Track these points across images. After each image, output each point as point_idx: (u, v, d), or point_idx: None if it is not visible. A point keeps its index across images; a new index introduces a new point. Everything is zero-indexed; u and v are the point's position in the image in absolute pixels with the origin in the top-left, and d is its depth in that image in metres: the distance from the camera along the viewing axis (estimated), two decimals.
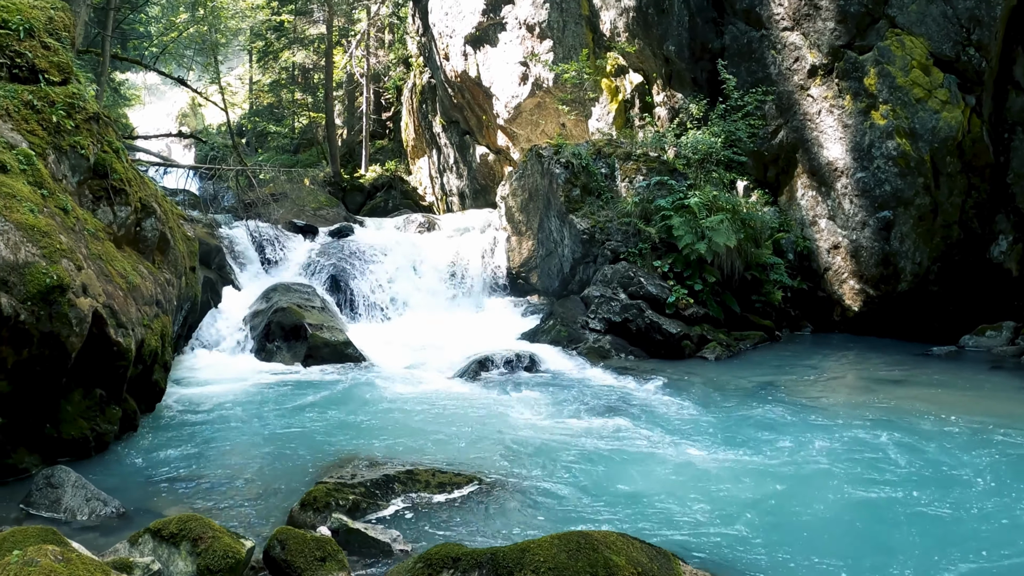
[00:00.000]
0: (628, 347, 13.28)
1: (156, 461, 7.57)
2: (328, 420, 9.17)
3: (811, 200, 15.23)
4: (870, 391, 10.77)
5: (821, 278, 15.20)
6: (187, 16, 38.71)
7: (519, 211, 17.46)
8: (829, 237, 14.96)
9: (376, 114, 37.54)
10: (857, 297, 14.69)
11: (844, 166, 14.55)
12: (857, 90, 14.39)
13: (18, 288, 6.50)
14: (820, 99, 14.92)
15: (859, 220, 14.41)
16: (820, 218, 15.11)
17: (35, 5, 9.28)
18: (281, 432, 8.65)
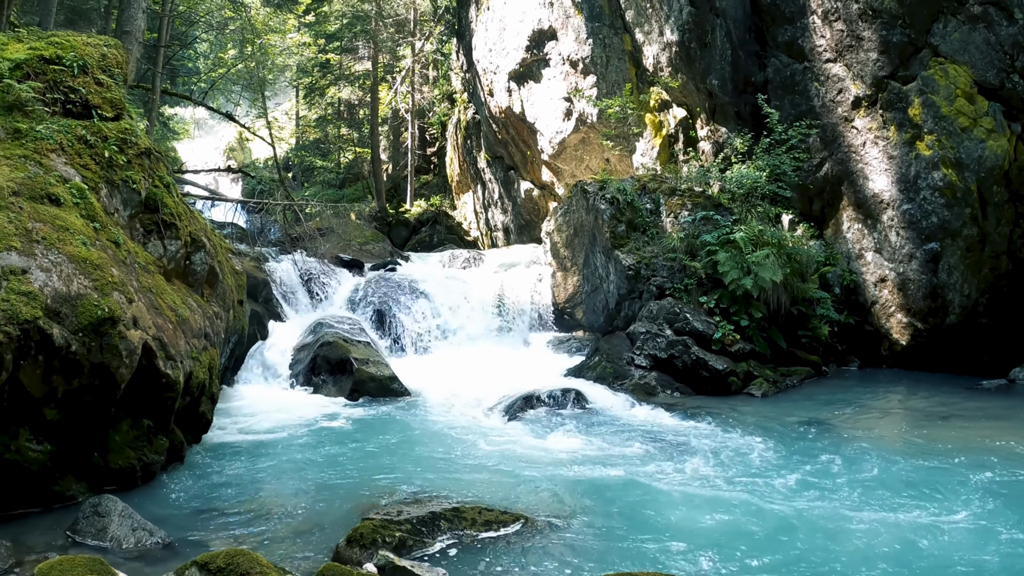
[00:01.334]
0: (674, 384, 13.16)
1: (202, 493, 7.61)
2: (373, 455, 9.17)
3: (857, 233, 15.07)
4: (920, 427, 10.57)
5: (868, 312, 14.98)
6: (235, 53, 39.38)
7: (564, 247, 17.46)
8: (876, 270, 14.77)
9: (421, 149, 37.84)
10: (905, 331, 14.46)
11: (890, 198, 14.39)
12: (902, 121, 14.25)
13: (70, 319, 6.61)
14: (864, 131, 14.80)
15: (906, 252, 14.22)
16: (866, 251, 14.93)
17: (89, 42, 9.50)
18: (326, 466, 8.66)
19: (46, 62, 8.84)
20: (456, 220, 32.13)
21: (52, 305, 6.52)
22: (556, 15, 22.11)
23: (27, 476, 6.59)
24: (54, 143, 8.02)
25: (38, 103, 8.35)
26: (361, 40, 36.55)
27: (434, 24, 35.28)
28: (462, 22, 29.92)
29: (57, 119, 8.39)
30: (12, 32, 10.76)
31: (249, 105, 42.52)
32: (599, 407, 11.99)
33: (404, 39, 37.11)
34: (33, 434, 6.59)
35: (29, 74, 8.59)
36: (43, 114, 8.31)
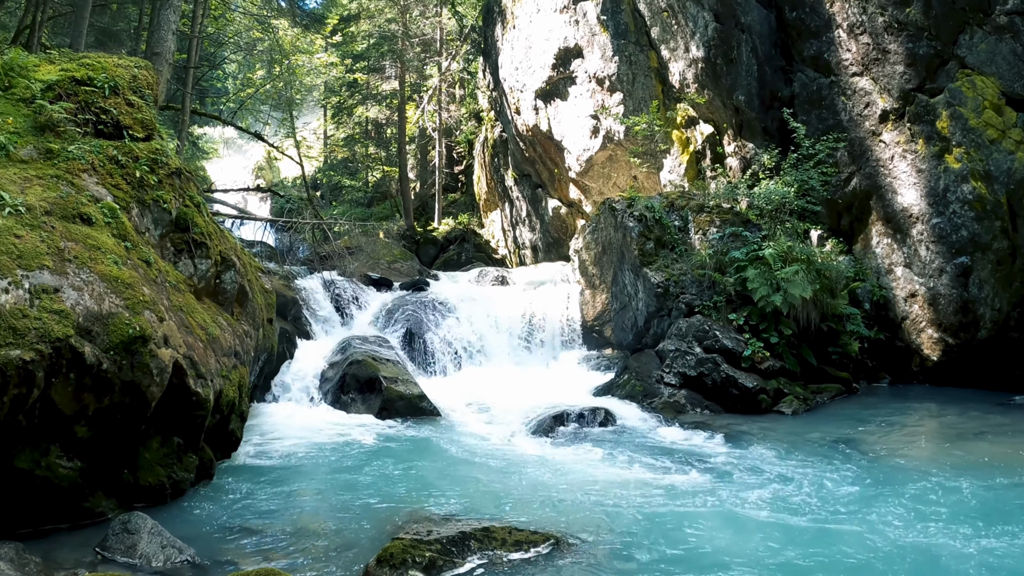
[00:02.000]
0: (703, 402, 13.07)
1: (231, 510, 7.61)
2: (402, 474, 9.15)
3: (886, 248, 14.95)
4: (954, 444, 10.43)
5: (898, 327, 14.83)
6: (263, 73, 39.76)
7: (593, 264, 17.43)
8: (906, 285, 14.64)
9: (448, 168, 38.00)
10: (936, 346, 14.30)
11: (919, 212, 14.27)
12: (930, 134, 14.15)
13: (101, 338, 6.66)
14: (892, 144, 14.70)
15: (936, 267, 14.08)
16: (896, 266, 14.80)
17: (120, 64, 9.61)
18: (355, 485, 8.64)
19: (78, 83, 8.95)
20: (484, 238, 32.19)
21: (84, 323, 6.57)
22: (581, 33, 22.15)
23: (57, 492, 6.63)
24: (86, 163, 8.10)
25: (70, 123, 8.44)
26: (388, 60, 36.84)
27: (460, 43, 35.49)
28: (488, 41, 30.05)
29: (89, 139, 8.48)
30: (44, 53, 10.91)
31: (278, 125, 42.92)
32: (629, 425, 11.93)
33: (431, 58, 37.36)
34: (64, 451, 6.63)
35: (61, 95, 8.70)
36: (75, 134, 8.40)
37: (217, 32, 34.67)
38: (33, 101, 8.48)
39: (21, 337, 6.04)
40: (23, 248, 6.53)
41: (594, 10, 21.55)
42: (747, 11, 16.91)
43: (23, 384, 6.02)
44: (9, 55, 9.04)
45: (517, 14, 26.40)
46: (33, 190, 7.32)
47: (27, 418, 6.21)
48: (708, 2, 17.71)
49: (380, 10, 35.78)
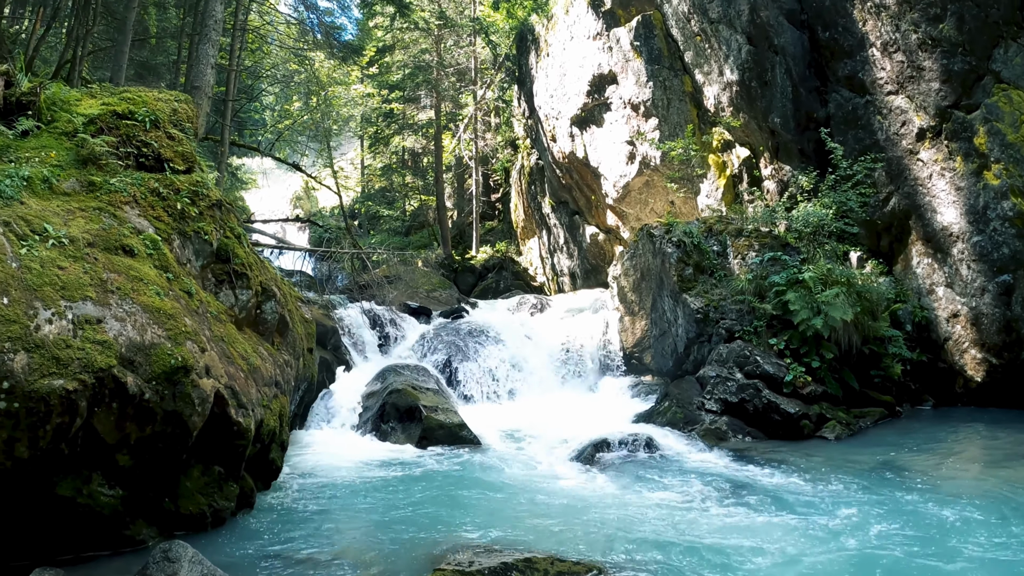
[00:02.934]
0: (745, 428, 12.92)
1: (272, 540, 7.61)
2: (443, 503, 9.11)
3: (927, 268, 14.76)
4: (1002, 469, 10.19)
5: (941, 349, 14.60)
6: (300, 104, 40.22)
7: (631, 291, 17.37)
8: (947, 305, 14.42)
9: (486, 196, 38.15)
10: (979, 367, 14.06)
11: (959, 230, 14.07)
12: (967, 151, 13.97)
13: (144, 368, 6.71)
14: (930, 162, 14.55)
15: (978, 286, 13.87)
16: (937, 286, 14.60)
17: (160, 97, 9.76)
18: (396, 514, 8.61)
19: (119, 117, 9.09)
20: (522, 266, 32.23)
21: (126, 354, 6.63)
22: (615, 59, 22.21)
23: (99, 520, 6.67)
24: (128, 195, 8.21)
25: (112, 156, 8.57)
26: (424, 89, 37.15)
27: (495, 72, 35.70)
28: (522, 69, 30.22)
29: (130, 172, 8.60)
30: (85, 88, 11.08)
31: (315, 155, 43.34)
32: (670, 453, 11.80)
33: (466, 87, 37.64)
34: (105, 479, 6.68)
35: (103, 128, 8.84)
36: (117, 167, 8.52)
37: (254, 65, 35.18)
38: (75, 135, 8.62)
39: (64, 367, 6.10)
40: (67, 279, 6.62)
41: (627, 36, 21.61)
42: (780, 33, 16.87)
43: (66, 413, 6.08)
44: (51, 90, 9.21)
45: (550, 42, 26.56)
46: (76, 222, 7.42)
47: (70, 447, 6.27)
48: (741, 25, 17.69)
49: (415, 41, 36.16)
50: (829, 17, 16.15)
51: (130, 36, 18.52)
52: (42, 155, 8.27)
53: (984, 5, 13.74)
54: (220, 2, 17.72)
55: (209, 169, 10.34)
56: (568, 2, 25.28)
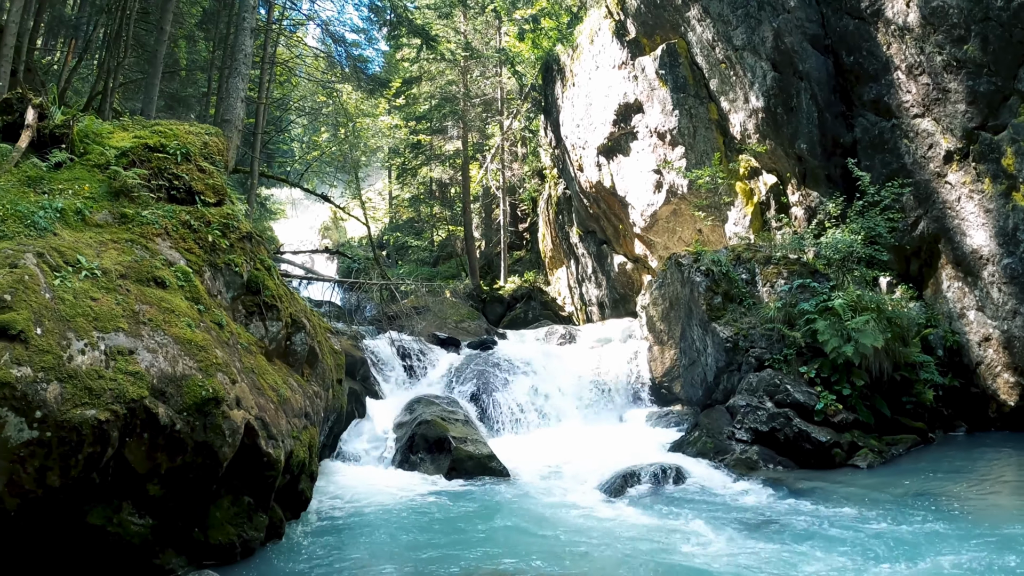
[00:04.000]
0: (776, 457, 12.79)
1: (300, 570, 7.61)
2: (472, 535, 9.06)
3: (957, 292, 14.60)
4: None
5: (973, 373, 14.40)
6: (328, 136, 40.60)
7: (660, 320, 17.32)
8: (979, 329, 14.25)
9: (513, 226, 38.23)
10: (1012, 391, 13.84)
11: (989, 253, 13.91)
12: (995, 172, 13.83)
13: (175, 399, 6.76)
14: (958, 185, 14.41)
15: (1009, 309, 13.68)
16: (968, 310, 14.43)
17: (191, 131, 9.89)
18: (425, 546, 8.58)
19: (150, 150, 9.23)
20: (550, 295, 32.22)
21: (158, 385, 6.68)
22: (641, 88, 22.27)
23: (128, 549, 6.69)
24: (159, 227, 8.31)
25: (143, 189, 8.69)
26: (451, 120, 37.42)
27: (521, 102, 35.91)
28: (548, 99, 30.36)
29: (162, 204, 8.71)
30: (117, 120, 11.25)
31: (344, 186, 43.67)
32: (701, 484, 11.69)
33: (492, 118, 37.88)
34: (135, 508, 6.71)
35: (135, 161, 8.97)
36: (148, 200, 8.63)
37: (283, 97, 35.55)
38: (108, 167, 8.76)
39: (97, 397, 6.16)
40: (99, 310, 6.69)
41: (652, 65, 21.68)
42: (804, 58, 16.87)
43: (97, 443, 6.13)
44: (84, 122, 9.35)
45: (576, 71, 26.68)
46: (109, 254, 7.51)
47: (101, 476, 6.31)
48: (765, 51, 17.70)
49: (441, 72, 36.47)
50: (853, 41, 16.12)
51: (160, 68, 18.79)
52: (75, 187, 8.39)
53: (1008, 25, 13.64)
54: (249, 36, 17.96)
55: (239, 201, 10.45)
56: (593, 32, 25.40)
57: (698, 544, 8.58)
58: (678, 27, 20.89)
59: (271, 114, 32.90)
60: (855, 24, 16.02)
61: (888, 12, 15.19)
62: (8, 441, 5.68)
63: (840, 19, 16.38)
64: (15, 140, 8.95)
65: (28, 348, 5.98)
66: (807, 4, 17.00)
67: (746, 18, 18.15)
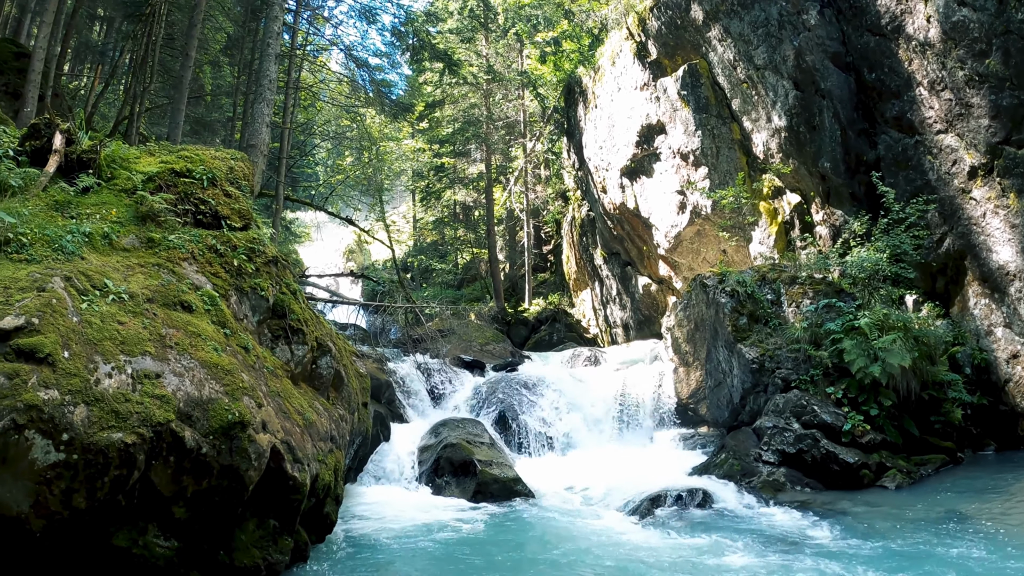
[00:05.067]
0: (803, 479, 12.67)
1: None
2: (499, 560, 9.02)
3: (984, 308, 14.45)
4: None
5: (1002, 391, 14.21)
6: (352, 160, 40.86)
7: (685, 342, 17.24)
8: (1007, 346, 14.08)
9: (537, 248, 38.27)
10: None
11: (1016, 269, 13.76)
12: (1021, 187, 13.68)
13: (201, 423, 6.78)
14: (983, 201, 14.30)
15: None
16: (996, 327, 14.27)
17: (217, 156, 9.98)
18: (451, 570, 8.55)
19: (177, 175, 9.32)
20: (575, 317, 32.17)
21: (184, 408, 6.71)
22: (663, 109, 22.29)
23: (153, 571, 6.70)
24: (186, 252, 8.38)
25: (170, 214, 8.77)
26: (474, 143, 37.58)
27: (543, 124, 36.02)
28: (571, 121, 30.44)
29: (188, 229, 8.77)
30: (143, 146, 11.37)
31: (368, 209, 43.92)
32: (727, 507, 11.60)
33: (515, 140, 38.01)
34: (161, 530, 6.72)
35: (161, 186, 9.06)
36: (175, 224, 8.71)
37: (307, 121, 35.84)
38: (135, 192, 8.85)
39: (123, 420, 6.19)
40: (126, 334, 6.74)
41: (674, 86, 21.71)
42: (826, 77, 16.84)
43: (124, 466, 6.15)
44: (111, 147, 9.45)
45: (598, 93, 26.74)
46: (136, 278, 7.57)
47: (127, 498, 6.34)
48: (787, 70, 17.69)
49: (464, 95, 36.67)
50: (874, 58, 16.08)
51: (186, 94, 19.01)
52: (102, 211, 8.48)
53: None
54: (274, 62, 18.13)
55: (264, 225, 10.52)
56: (614, 53, 25.47)
57: (727, 570, 8.51)
58: (699, 48, 20.92)
59: (295, 138, 33.21)
60: (876, 41, 15.99)
61: (909, 28, 15.15)
62: (35, 463, 5.72)
63: (861, 36, 16.35)
64: (43, 165, 9.06)
65: (55, 371, 6.03)
66: (828, 22, 16.99)
67: (767, 37, 18.15)
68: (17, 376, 5.82)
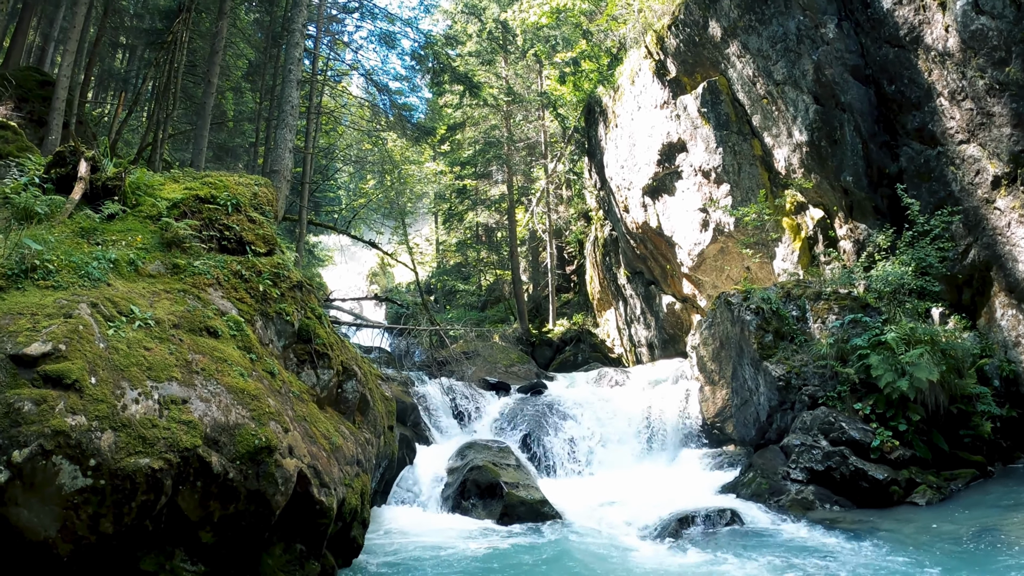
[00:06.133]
0: (832, 497, 12.55)
1: None
2: None
3: (1012, 319, 14.28)
4: None
5: None
6: (375, 183, 41.06)
7: (711, 360, 17.15)
8: None
9: (560, 268, 38.26)
10: None
11: None
12: None
13: (228, 448, 6.80)
14: (1008, 210, 14.16)
15: None
16: (1023, 337, 14.12)
17: (241, 182, 10.06)
18: None
19: (201, 201, 9.40)
20: (599, 337, 32.09)
21: (211, 434, 6.73)
22: (684, 127, 22.28)
23: None
24: (211, 278, 8.43)
25: (195, 240, 8.84)
26: (495, 164, 37.69)
27: (564, 144, 36.09)
28: (592, 141, 30.48)
29: (213, 255, 8.84)
30: (167, 172, 11.48)
31: (391, 231, 44.12)
32: (756, 526, 11.50)
33: (536, 161, 38.09)
34: (188, 555, 6.73)
35: (186, 212, 9.14)
36: (200, 250, 8.77)
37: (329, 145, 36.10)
38: (159, 218, 8.93)
39: (150, 446, 6.22)
40: (153, 360, 6.78)
41: (694, 103, 21.71)
42: (846, 90, 16.79)
43: (151, 491, 6.18)
44: (136, 174, 9.54)
45: (618, 112, 26.77)
46: (161, 304, 7.63)
47: (154, 523, 6.36)
48: (806, 84, 17.65)
49: (484, 117, 36.84)
50: (894, 70, 16.02)
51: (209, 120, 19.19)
52: (128, 238, 8.56)
53: None
54: (296, 88, 18.27)
55: (288, 250, 10.57)
56: (633, 72, 25.51)
57: None
58: (718, 64, 20.92)
59: (317, 162, 33.44)
60: (895, 52, 15.93)
61: (927, 38, 15.08)
62: (62, 488, 5.75)
63: (880, 48, 16.30)
64: (68, 192, 9.16)
65: (82, 397, 6.07)
66: (846, 35, 16.96)
67: (786, 52, 18.14)
68: (44, 402, 5.87)
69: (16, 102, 18.73)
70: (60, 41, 29.87)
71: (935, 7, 14.88)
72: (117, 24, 31.56)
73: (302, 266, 22.61)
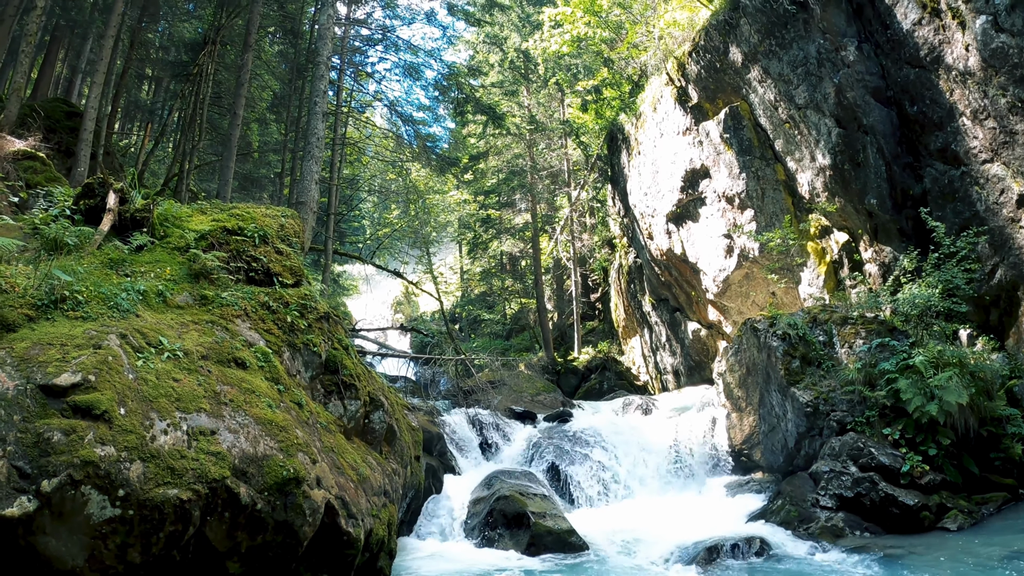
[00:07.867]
0: (862, 523, 12.41)
1: None
2: None
3: None
4: None
5: None
6: (399, 213, 41.26)
7: (737, 387, 17.05)
8: None
9: (585, 296, 38.22)
10: None
11: None
12: None
13: (256, 479, 6.83)
14: None
15: None
16: None
17: (268, 213, 10.16)
18: None
19: (229, 232, 9.49)
20: (624, 365, 31.99)
21: (239, 465, 6.77)
22: (706, 153, 22.29)
23: None
24: (239, 309, 8.51)
25: (223, 271, 8.93)
26: (518, 193, 37.79)
27: (587, 172, 36.16)
28: (615, 168, 30.52)
29: (241, 286, 8.92)
30: (195, 203, 11.61)
31: (415, 261, 44.30)
32: (786, 554, 11.38)
33: (559, 189, 38.18)
34: None
35: (213, 244, 9.23)
36: (228, 281, 8.86)
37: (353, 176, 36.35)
38: (188, 250, 9.04)
39: (179, 477, 6.26)
40: (181, 391, 6.84)
41: (716, 129, 21.72)
42: (868, 112, 16.75)
43: (179, 522, 6.21)
44: (164, 206, 9.66)
45: (641, 140, 26.82)
46: (190, 335, 7.69)
47: (181, 553, 6.39)
48: (828, 108, 17.63)
49: (507, 146, 36.99)
50: (915, 91, 15.98)
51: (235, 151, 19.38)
52: (156, 269, 8.66)
53: None
54: (321, 120, 18.45)
55: (315, 281, 10.66)
56: (655, 99, 25.57)
57: None
58: (739, 90, 20.94)
59: (342, 192, 33.68)
60: (916, 73, 15.89)
61: (948, 58, 15.05)
62: (91, 518, 5.80)
63: (900, 69, 16.27)
64: (97, 223, 9.28)
65: (112, 428, 6.13)
66: (867, 57, 16.95)
67: (807, 76, 18.13)
68: (74, 432, 5.94)
69: (44, 133, 19.01)
70: (87, 73, 30.37)
71: (955, 26, 14.86)
72: (143, 56, 32.06)
73: (328, 296, 22.75)
